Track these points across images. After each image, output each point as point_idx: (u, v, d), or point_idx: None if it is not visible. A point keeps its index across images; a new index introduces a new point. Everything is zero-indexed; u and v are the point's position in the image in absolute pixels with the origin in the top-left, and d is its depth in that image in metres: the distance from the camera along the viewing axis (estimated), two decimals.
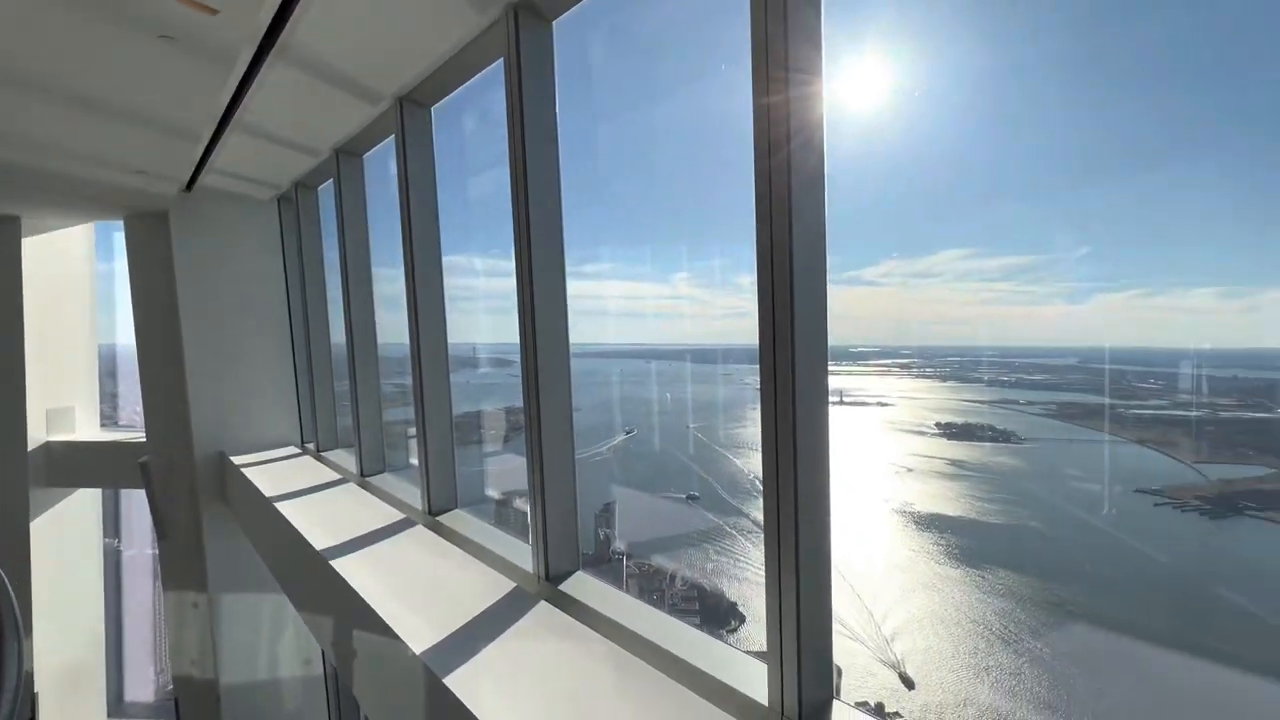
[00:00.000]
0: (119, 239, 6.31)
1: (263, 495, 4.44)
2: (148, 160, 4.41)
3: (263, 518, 4.47)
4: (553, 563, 2.65)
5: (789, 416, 1.70)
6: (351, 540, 3.45)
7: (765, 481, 1.80)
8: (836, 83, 1.73)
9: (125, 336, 6.26)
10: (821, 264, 1.74)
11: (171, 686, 6.16)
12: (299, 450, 6.13)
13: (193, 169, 4.79)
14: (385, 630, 2.43)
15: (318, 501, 4.37)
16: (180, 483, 5.84)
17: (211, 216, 5.79)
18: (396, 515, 3.93)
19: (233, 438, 5.95)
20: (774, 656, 1.79)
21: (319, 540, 3.42)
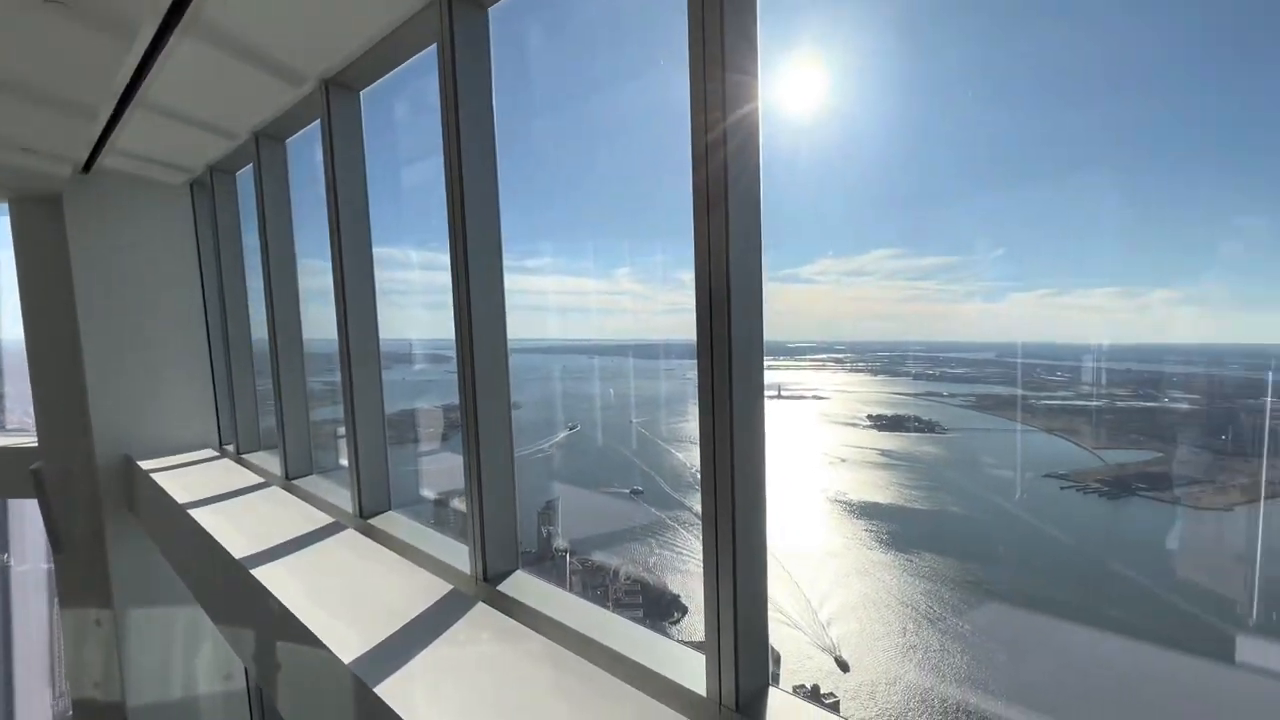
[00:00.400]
0: (4, 224, 5.72)
1: (175, 502, 4.14)
2: (36, 138, 4.01)
3: (175, 526, 4.17)
4: (491, 563, 2.60)
5: (726, 410, 1.73)
6: (275, 547, 3.26)
7: (703, 475, 1.82)
8: (773, 85, 1.76)
9: (12, 331, 5.68)
10: (758, 261, 1.77)
11: (71, 712, 5.66)
12: (216, 453, 5.75)
13: (90, 149, 4.39)
14: (311, 640, 2.32)
15: (238, 507, 4.12)
16: (79, 491, 5.36)
17: (114, 201, 5.32)
18: (325, 519, 3.75)
19: (140, 440, 5.51)
20: (712, 647, 1.82)
21: (239, 548, 3.22)
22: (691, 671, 1.92)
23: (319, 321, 4.33)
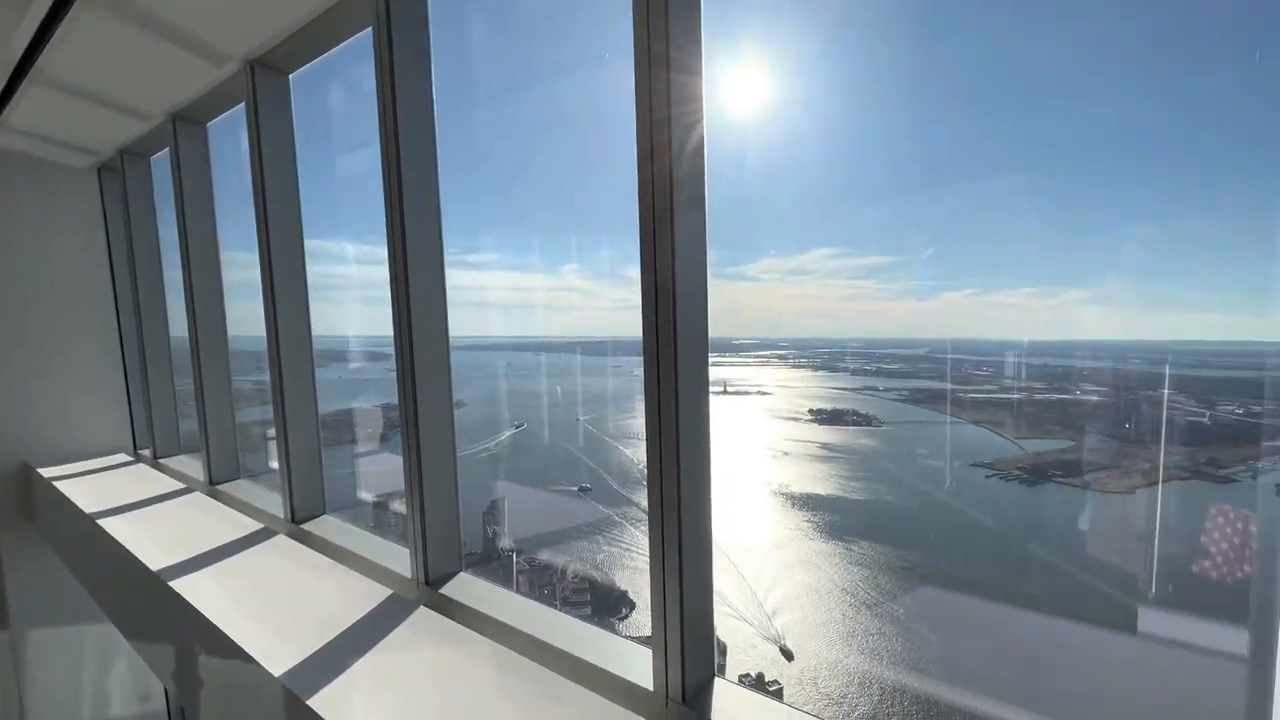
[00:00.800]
0: None
1: (82, 512, 3.83)
2: None
3: (82, 538, 3.86)
4: (433, 565, 2.53)
5: (672, 406, 1.74)
6: (197, 556, 3.07)
7: (649, 470, 1.83)
8: (718, 86, 1.78)
9: None
10: (703, 258, 1.79)
11: None
12: (130, 458, 5.35)
13: None
14: (237, 653, 2.19)
15: (155, 515, 3.85)
16: None
17: (9, 184, 4.86)
18: (253, 525, 3.56)
19: (41, 446, 5.07)
20: (658, 641, 1.83)
21: (156, 559, 3.01)
22: (639, 667, 1.93)
23: (247, 317, 4.09)
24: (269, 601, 2.57)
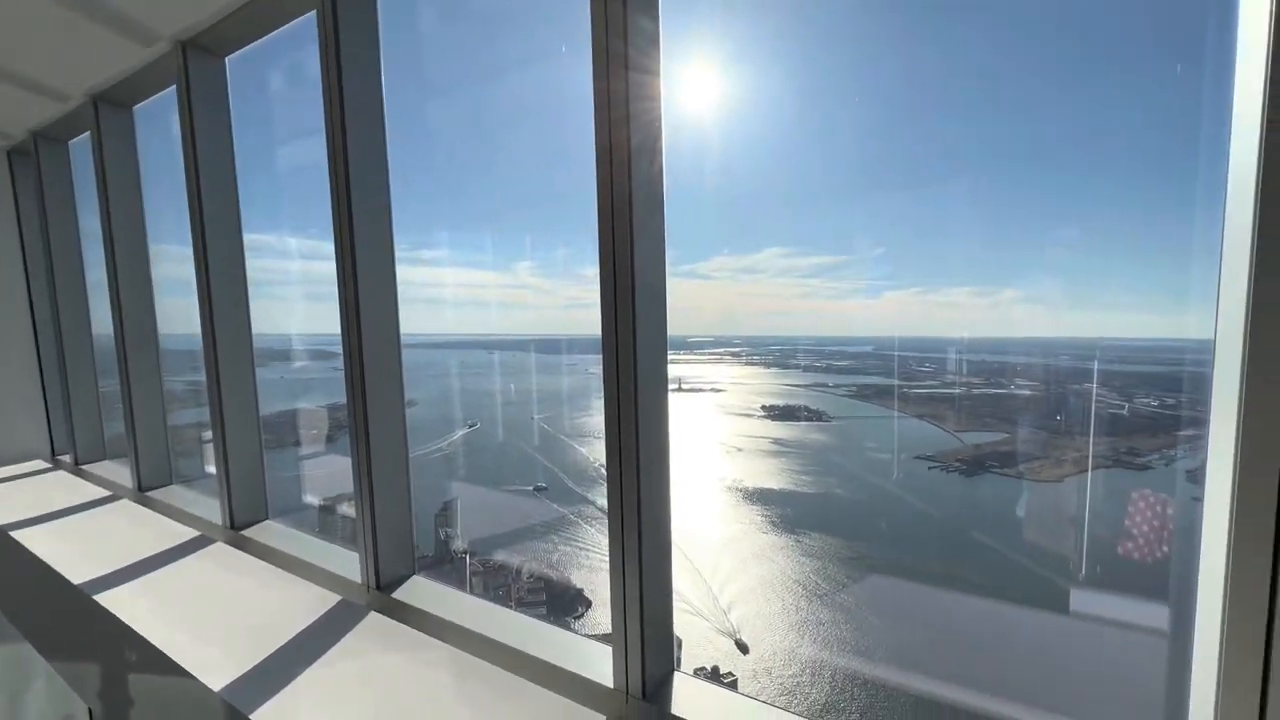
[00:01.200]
0: None
1: None
2: None
3: None
4: (384, 569, 2.46)
5: (631, 404, 1.74)
6: (125, 568, 2.89)
7: (609, 467, 1.82)
8: (675, 84, 1.79)
9: None
10: (661, 256, 1.79)
11: None
12: (48, 464, 4.98)
13: None
14: (172, 668, 2.08)
15: (77, 525, 3.59)
16: None
17: None
18: (188, 533, 3.37)
19: None
20: (618, 638, 1.83)
21: (78, 572, 2.82)
22: (599, 664, 1.93)
23: (181, 314, 3.86)
24: (206, 612, 2.44)
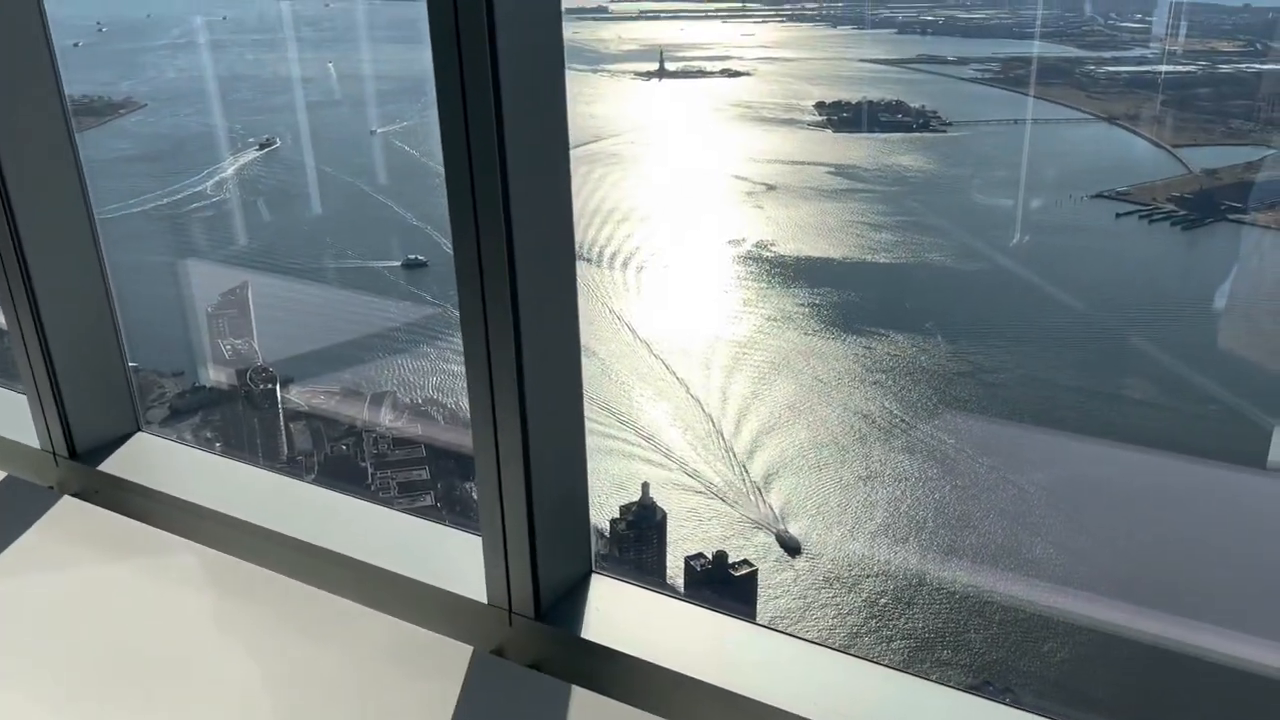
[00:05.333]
0: None
1: None
2: None
3: None
4: (81, 422, 1.50)
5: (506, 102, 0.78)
6: None
7: (457, 252, 0.93)
8: None
9: None
10: None
11: None
12: None
13: None
14: None
15: None
16: None
17: None
18: None
19: None
20: (491, 527, 1.20)
21: None
22: (465, 569, 1.25)
23: None
24: None
